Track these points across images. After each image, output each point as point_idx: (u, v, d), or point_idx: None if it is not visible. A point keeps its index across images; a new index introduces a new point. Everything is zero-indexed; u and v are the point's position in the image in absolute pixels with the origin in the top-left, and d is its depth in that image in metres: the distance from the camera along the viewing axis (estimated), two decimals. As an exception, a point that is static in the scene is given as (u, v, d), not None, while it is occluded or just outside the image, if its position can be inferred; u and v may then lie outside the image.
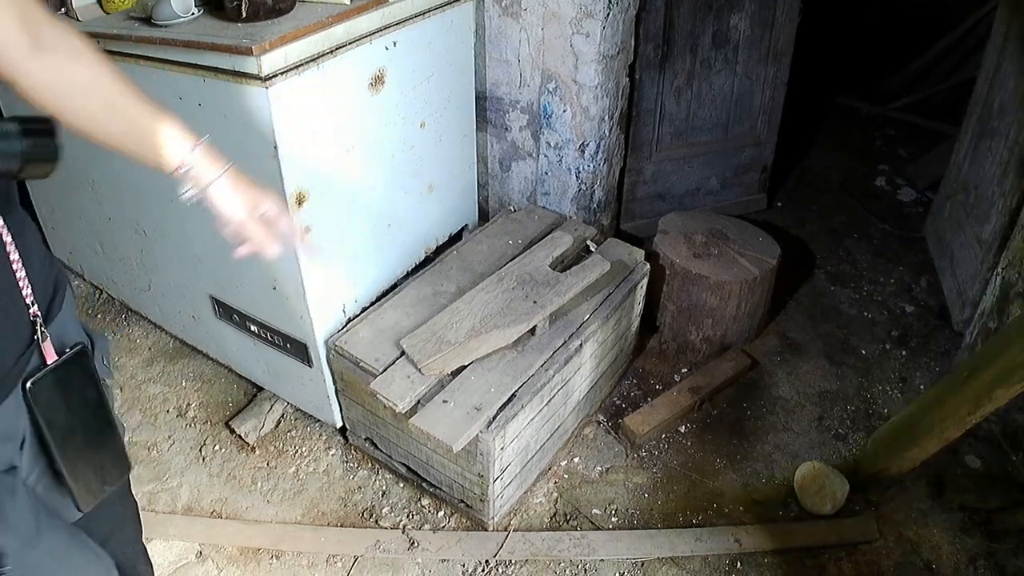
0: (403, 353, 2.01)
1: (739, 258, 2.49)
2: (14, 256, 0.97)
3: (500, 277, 2.16)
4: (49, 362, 1.04)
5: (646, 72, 2.63)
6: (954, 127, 2.98)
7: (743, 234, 2.61)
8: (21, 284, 0.99)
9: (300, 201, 1.88)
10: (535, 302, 2.07)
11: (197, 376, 2.62)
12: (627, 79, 2.53)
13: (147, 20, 1.92)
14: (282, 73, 1.72)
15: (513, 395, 1.94)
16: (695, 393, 2.42)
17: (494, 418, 1.89)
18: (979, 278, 2.46)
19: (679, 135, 2.85)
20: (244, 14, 1.81)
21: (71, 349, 1.08)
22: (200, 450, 2.39)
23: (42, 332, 1.02)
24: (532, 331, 2.07)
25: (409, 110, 2.14)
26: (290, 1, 1.86)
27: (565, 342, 2.08)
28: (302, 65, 1.76)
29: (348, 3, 1.90)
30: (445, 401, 1.90)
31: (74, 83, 1.02)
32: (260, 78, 1.69)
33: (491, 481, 1.98)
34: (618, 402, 2.50)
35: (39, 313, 1.02)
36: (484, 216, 2.77)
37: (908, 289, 2.93)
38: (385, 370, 1.99)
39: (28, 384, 1.00)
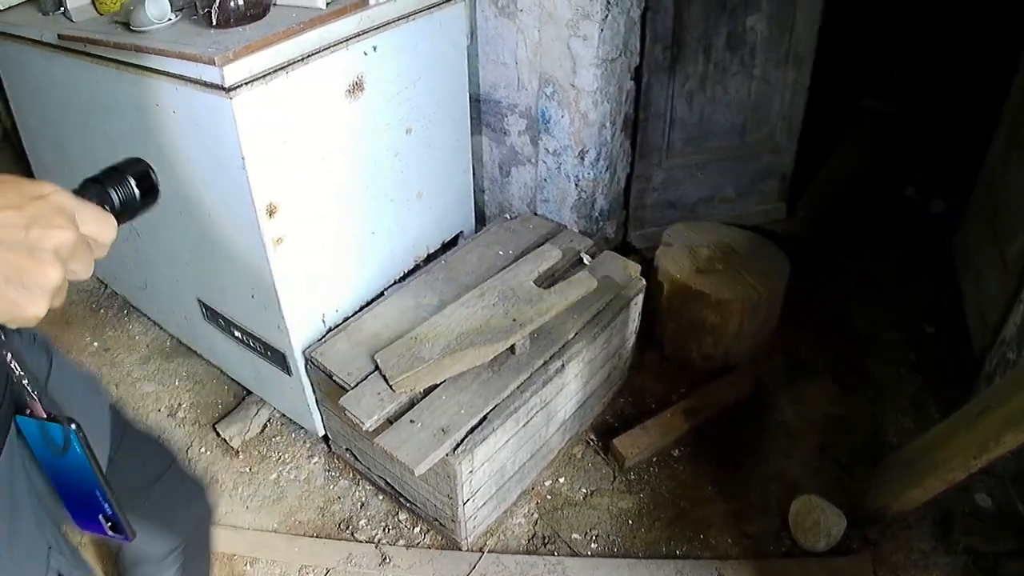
0: (376, 368, 1.96)
1: (745, 275, 2.37)
2: None
3: (482, 292, 2.09)
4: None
5: (655, 75, 2.51)
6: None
7: (752, 249, 2.48)
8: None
9: (271, 212, 1.83)
10: (514, 320, 1.99)
11: (190, 376, 2.61)
12: (632, 83, 2.42)
13: (127, 25, 1.89)
14: (247, 83, 1.67)
15: (484, 417, 1.87)
16: (690, 416, 2.31)
17: (462, 441, 1.82)
18: (1001, 302, 2.30)
19: (691, 141, 2.72)
20: (215, 21, 1.76)
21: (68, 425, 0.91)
22: (187, 452, 2.38)
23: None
24: (512, 349, 1.99)
25: (393, 117, 2.07)
26: (263, 7, 1.81)
27: (545, 362, 2.00)
28: (269, 74, 1.71)
29: (323, 8, 1.84)
30: (412, 421, 1.85)
31: None
32: (223, 88, 1.64)
33: (460, 503, 1.92)
34: (611, 420, 2.41)
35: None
36: (484, 221, 2.70)
37: (930, 309, 2.76)
38: (357, 385, 1.94)
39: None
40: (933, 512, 2.10)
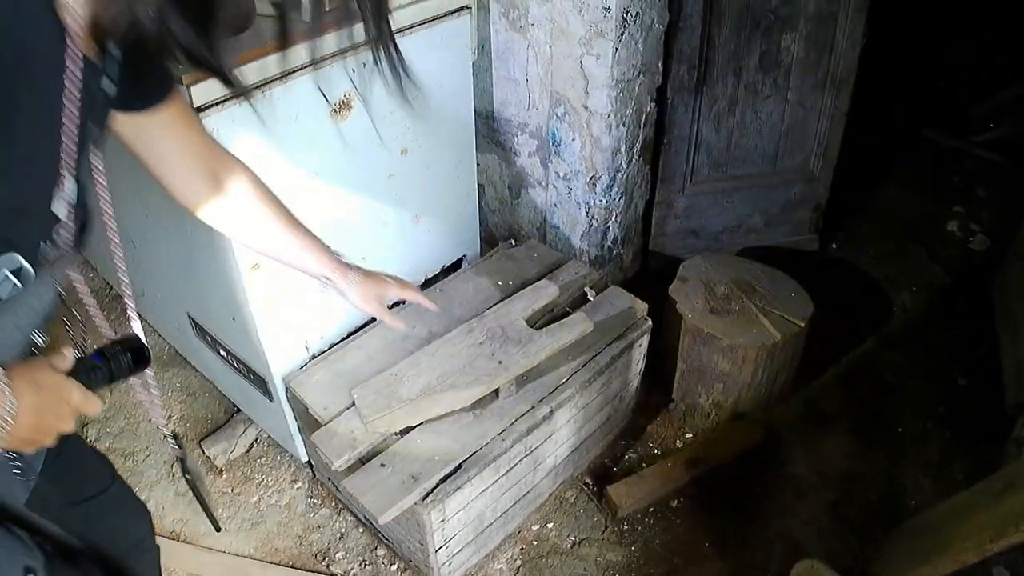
0: (353, 403, 1.86)
1: (761, 317, 2.21)
2: None
3: (470, 328, 1.97)
4: None
5: (679, 96, 2.35)
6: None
7: (774, 287, 2.31)
8: None
9: (247, 236, 1.74)
10: (500, 362, 1.87)
11: (184, 387, 2.55)
12: (652, 104, 2.27)
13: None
14: (217, 104, 1.57)
15: (459, 466, 1.76)
16: (692, 467, 2.17)
17: (432, 491, 1.71)
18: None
19: (718, 166, 2.55)
20: (192, 33, 1.66)
21: None
22: (172, 466, 2.33)
23: None
24: (496, 393, 1.88)
25: (386, 136, 1.95)
26: (243, 18, 1.69)
27: (532, 408, 1.87)
28: (244, 93, 1.60)
29: (307, 21, 1.72)
30: (383, 465, 1.74)
31: (239, 213, 1.28)
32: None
33: (432, 551, 1.82)
34: (609, 464, 2.28)
35: None
36: (493, 243, 2.57)
37: (965, 357, 2.55)
38: (331, 420, 1.84)
39: None
40: (947, 588, 1.93)
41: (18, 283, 0.87)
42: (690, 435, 2.33)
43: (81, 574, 1.22)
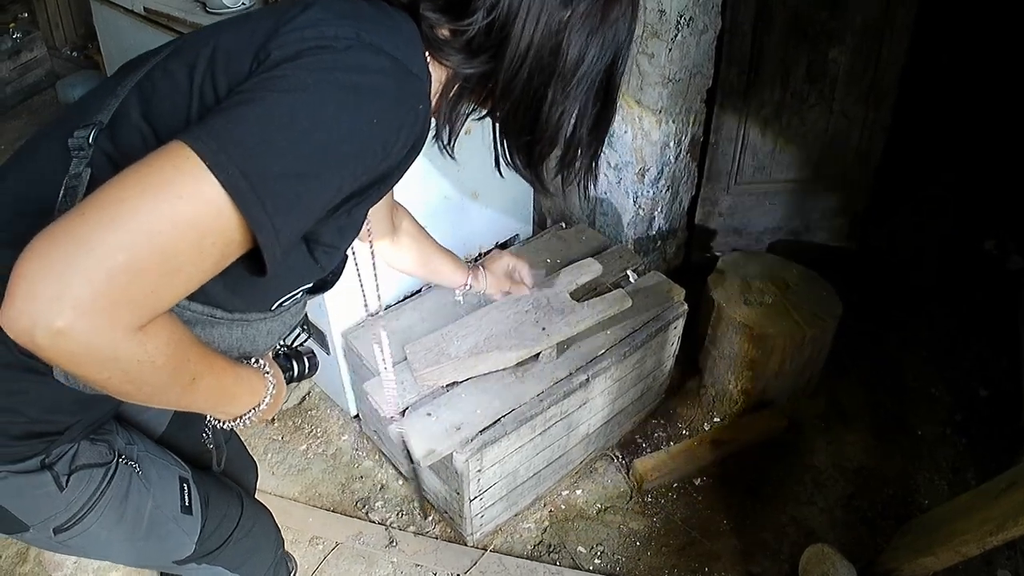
0: (405, 358, 2.01)
1: (793, 312, 2.32)
2: None
3: (518, 297, 2.11)
4: None
5: (728, 99, 2.48)
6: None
7: (807, 286, 2.42)
8: None
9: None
10: (543, 329, 2.01)
11: (245, 340, 2.73)
12: (702, 104, 2.39)
13: (204, 5, 1.98)
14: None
15: (498, 420, 1.90)
16: (717, 447, 2.29)
17: (472, 440, 1.86)
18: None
19: (762, 169, 2.67)
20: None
21: None
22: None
23: None
24: (537, 357, 2.02)
25: (453, 117, 2.11)
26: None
27: (570, 374, 2.01)
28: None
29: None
30: (429, 414, 1.89)
31: (409, 252, 1.61)
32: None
33: (467, 500, 1.96)
34: (640, 440, 2.40)
35: None
36: (545, 226, 2.71)
37: (987, 370, 2.63)
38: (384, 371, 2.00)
39: None
40: (951, 582, 2.02)
41: (296, 298, 1.07)
42: (718, 419, 2.44)
43: (221, 485, 1.37)
